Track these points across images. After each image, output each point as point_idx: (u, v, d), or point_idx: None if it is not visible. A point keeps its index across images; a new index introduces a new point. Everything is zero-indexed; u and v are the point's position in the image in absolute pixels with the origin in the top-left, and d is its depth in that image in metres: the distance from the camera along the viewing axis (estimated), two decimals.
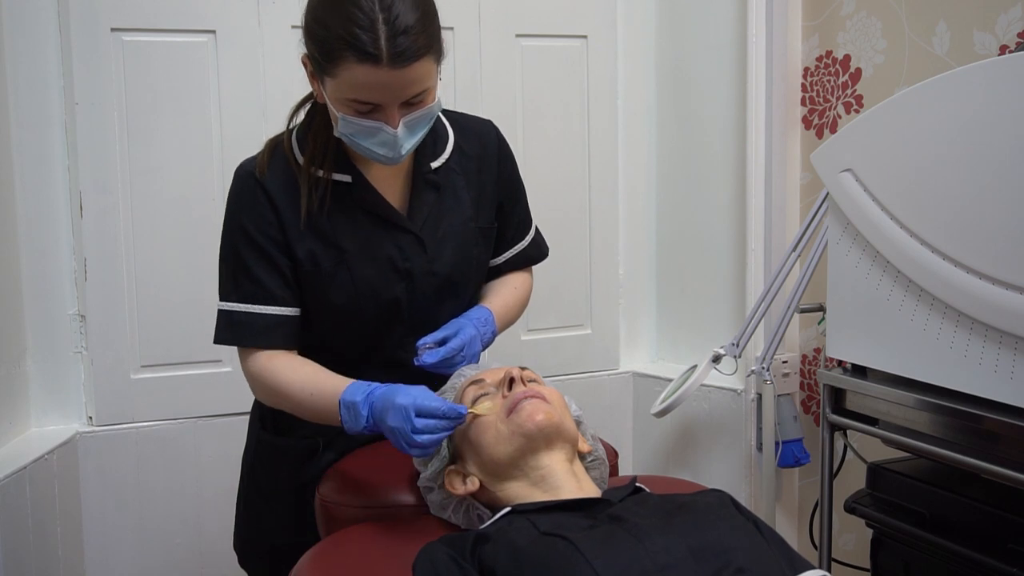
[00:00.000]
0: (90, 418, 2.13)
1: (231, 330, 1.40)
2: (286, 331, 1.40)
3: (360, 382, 1.30)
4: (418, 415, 1.20)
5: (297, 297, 1.41)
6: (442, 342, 1.38)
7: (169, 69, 2.11)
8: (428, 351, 1.37)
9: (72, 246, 2.10)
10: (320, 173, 1.38)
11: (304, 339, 1.44)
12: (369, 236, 1.40)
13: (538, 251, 1.65)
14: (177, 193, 2.14)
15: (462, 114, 1.55)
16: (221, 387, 2.17)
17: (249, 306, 1.39)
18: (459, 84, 2.32)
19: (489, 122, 1.56)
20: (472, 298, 1.53)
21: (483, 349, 1.46)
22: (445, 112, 1.50)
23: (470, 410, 1.24)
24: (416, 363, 1.36)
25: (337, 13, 1.24)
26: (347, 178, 1.39)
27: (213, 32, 2.14)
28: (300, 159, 1.39)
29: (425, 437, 1.20)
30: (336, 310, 1.41)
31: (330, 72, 1.26)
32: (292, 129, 1.44)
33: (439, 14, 1.32)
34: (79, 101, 2.05)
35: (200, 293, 2.16)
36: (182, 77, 2.13)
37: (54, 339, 2.10)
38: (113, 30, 2.07)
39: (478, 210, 1.50)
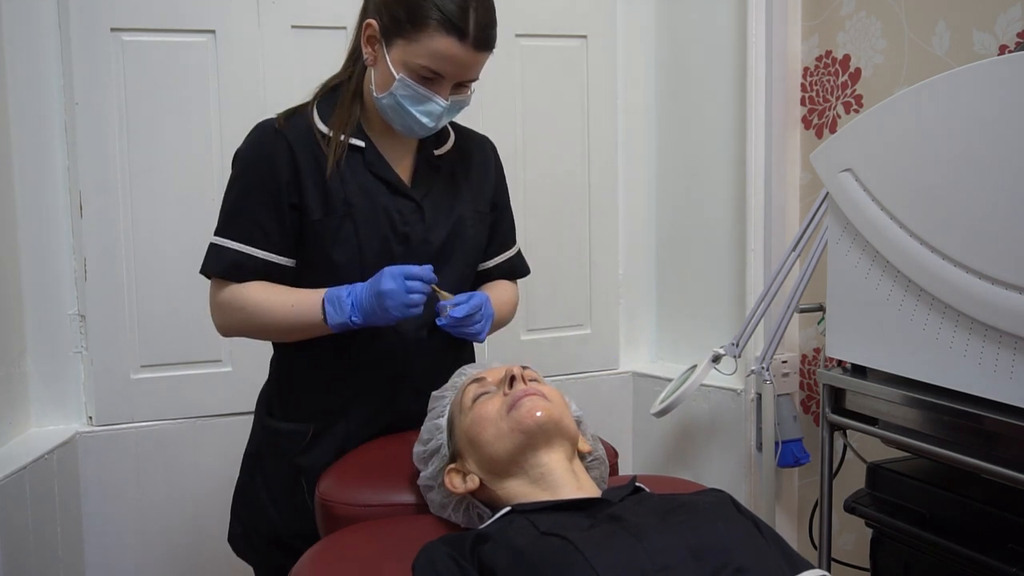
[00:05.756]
0: (90, 418, 2.13)
1: (220, 265, 1.45)
2: (274, 279, 1.46)
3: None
4: (407, 278, 1.35)
5: (292, 248, 1.47)
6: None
7: (169, 69, 2.12)
8: (454, 308, 1.41)
9: (72, 246, 2.10)
10: (341, 137, 1.46)
11: None
12: (375, 197, 1.47)
13: (523, 264, 1.72)
14: (177, 193, 2.14)
15: (464, 126, 1.64)
16: (221, 387, 2.17)
17: (244, 246, 1.44)
18: None
19: (487, 137, 1.66)
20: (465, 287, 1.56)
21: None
22: (450, 122, 1.57)
23: (434, 287, 1.39)
24: (441, 323, 1.42)
25: None
26: (361, 143, 1.48)
27: (213, 32, 2.14)
28: (320, 126, 1.47)
29: (416, 296, 1.35)
30: (336, 267, 1.44)
31: (410, 36, 1.35)
32: (312, 103, 1.50)
33: None
34: (79, 101, 2.05)
35: (200, 293, 2.15)
36: (182, 77, 2.13)
37: (54, 339, 2.10)
38: (113, 30, 2.07)
39: (475, 195, 1.58)
